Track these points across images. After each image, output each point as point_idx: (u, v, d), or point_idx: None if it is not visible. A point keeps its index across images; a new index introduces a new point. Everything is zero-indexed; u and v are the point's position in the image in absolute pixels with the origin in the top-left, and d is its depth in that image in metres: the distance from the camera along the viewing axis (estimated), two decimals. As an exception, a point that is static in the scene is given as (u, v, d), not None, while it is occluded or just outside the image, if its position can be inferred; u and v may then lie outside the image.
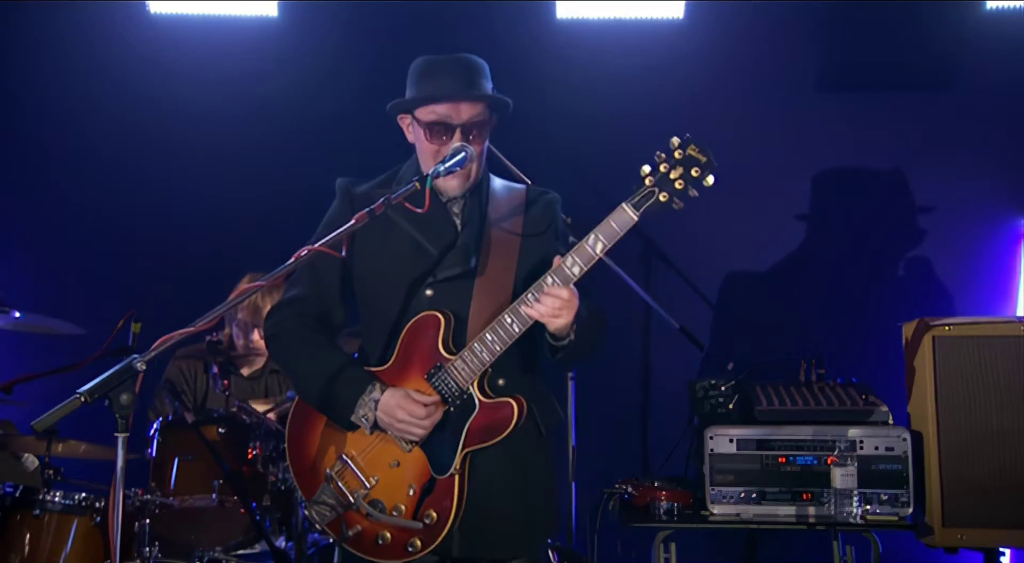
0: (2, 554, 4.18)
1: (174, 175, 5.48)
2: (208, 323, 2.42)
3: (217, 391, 4.69)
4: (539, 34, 5.26)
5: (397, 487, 2.90)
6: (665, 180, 2.70)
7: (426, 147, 2.97)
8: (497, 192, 3.10)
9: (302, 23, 5.24)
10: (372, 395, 2.87)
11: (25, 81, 5.56)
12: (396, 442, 2.90)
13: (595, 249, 2.74)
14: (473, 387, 2.84)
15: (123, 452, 2.40)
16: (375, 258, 3.01)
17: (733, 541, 4.88)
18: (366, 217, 2.68)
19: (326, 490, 2.95)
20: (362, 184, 3.10)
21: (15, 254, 5.62)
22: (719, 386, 4.47)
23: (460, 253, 2.96)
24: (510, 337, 2.79)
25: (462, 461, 2.86)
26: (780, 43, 5.41)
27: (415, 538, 2.88)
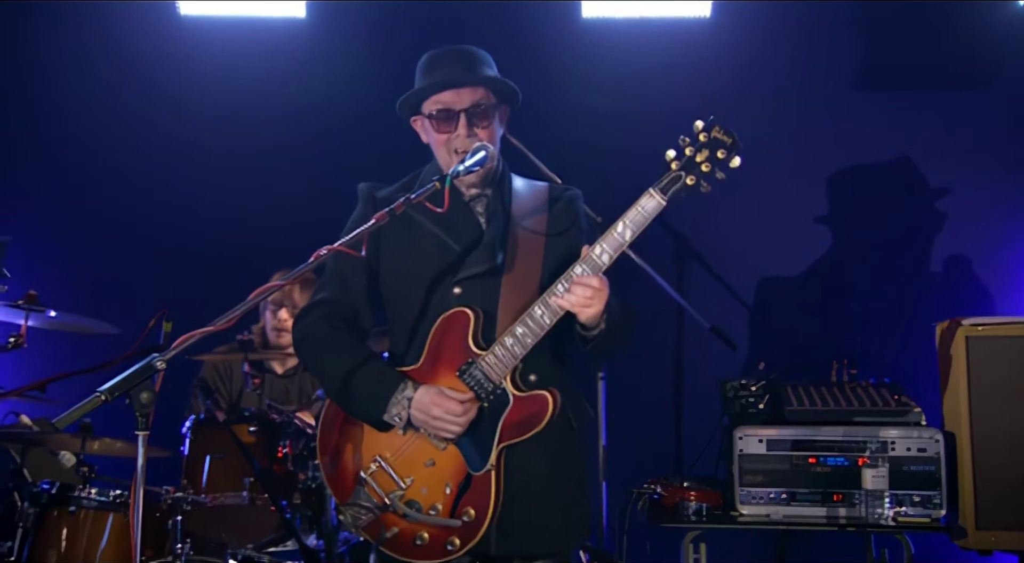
0: (40, 550, 4.24)
1: (205, 176, 5.54)
2: (228, 322, 2.43)
3: (248, 390, 4.73)
4: (564, 33, 5.26)
5: (433, 486, 2.89)
6: (691, 163, 2.69)
7: (436, 139, 2.99)
8: (520, 191, 3.10)
9: (329, 24, 5.27)
10: (405, 393, 2.86)
11: (58, 83, 5.62)
12: (430, 441, 2.88)
13: (624, 236, 2.72)
14: (506, 381, 2.83)
15: (143, 450, 2.42)
16: (401, 258, 3.01)
17: (764, 542, 4.86)
18: (386, 216, 2.68)
19: (360, 493, 2.93)
20: (384, 188, 3.10)
21: (50, 254, 5.71)
22: (749, 386, 4.44)
23: (486, 250, 2.95)
24: (541, 329, 2.79)
25: (498, 457, 2.84)
26: (809, 42, 5.38)
27: (454, 536, 2.86)
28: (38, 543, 4.26)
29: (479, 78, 2.96)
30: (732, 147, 2.69)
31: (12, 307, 4.52)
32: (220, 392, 5.05)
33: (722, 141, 2.69)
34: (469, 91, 2.95)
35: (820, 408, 4.31)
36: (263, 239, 5.32)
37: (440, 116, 2.95)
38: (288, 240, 4.96)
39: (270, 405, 4.48)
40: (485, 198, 3.04)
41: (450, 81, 2.93)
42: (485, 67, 3.02)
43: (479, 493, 2.84)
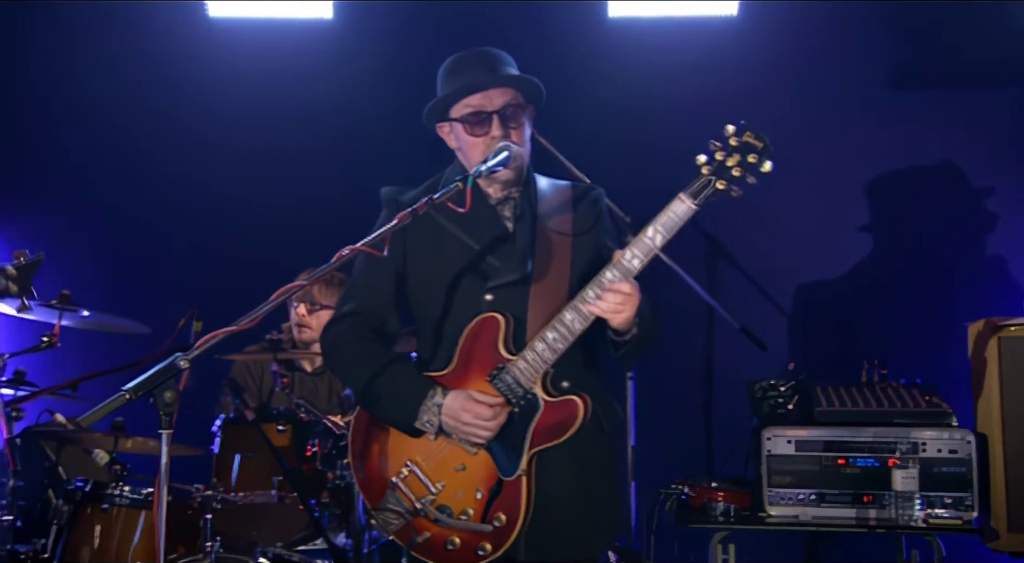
0: (74, 547, 4.29)
1: (234, 178, 5.58)
2: (251, 322, 2.44)
3: (278, 389, 4.76)
4: (590, 33, 5.25)
5: (465, 491, 2.89)
6: (722, 168, 2.67)
7: (469, 142, 2.97)
8: (544, 190, 3.09)
9: (355, 24, 5.29)
10: (435, 400, 2.86)
11: (88, 85, 5.68)
12: (461, 446, 2.88)
13: (654, 241, 2.71)
14: (537, 386, 2.83)
15: (167, 448, 2.44)
16: (426, 262, 3.02)
17: (794, 544, 4.84)
18: (408, 216, 2.68)
19: (391, 498, 2.94)
20: (408, 192, 3.10)
21: (83, 254, 5.75)
22: (778, 386, 4.43)
23: (517, 258, 2.95)
24: (572, 335, 2.78)
25: (528, 462, 2.84)
26: (838, 40, 5.34)
27: (485, 541, 2.85)
28: (72, 540, 4.31)
29: (508, 79, 2.96)
30: (763, 151, 2.66)
31: (45, 306, 4.58)
32: (250, 391, 5.09)
33: (753, 145, 2.66)
34: (499, 92, 2.94)
35: (850, 409, 4.29)
36: (291, 240, 5.35)
37: (472, 119, 2.94)
38: (315, 241, 4.97)
39: (299, 404, 4.50)
40: (513, 200, 3.03)
41: (480, 83, 2.93)
42: (509, 67, 3.02)
43: (510, 498, 2.84)
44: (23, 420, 4.64)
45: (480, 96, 2.93)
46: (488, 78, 2.93)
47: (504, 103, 2.93)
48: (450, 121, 3.00)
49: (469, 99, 2.94)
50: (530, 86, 3.00)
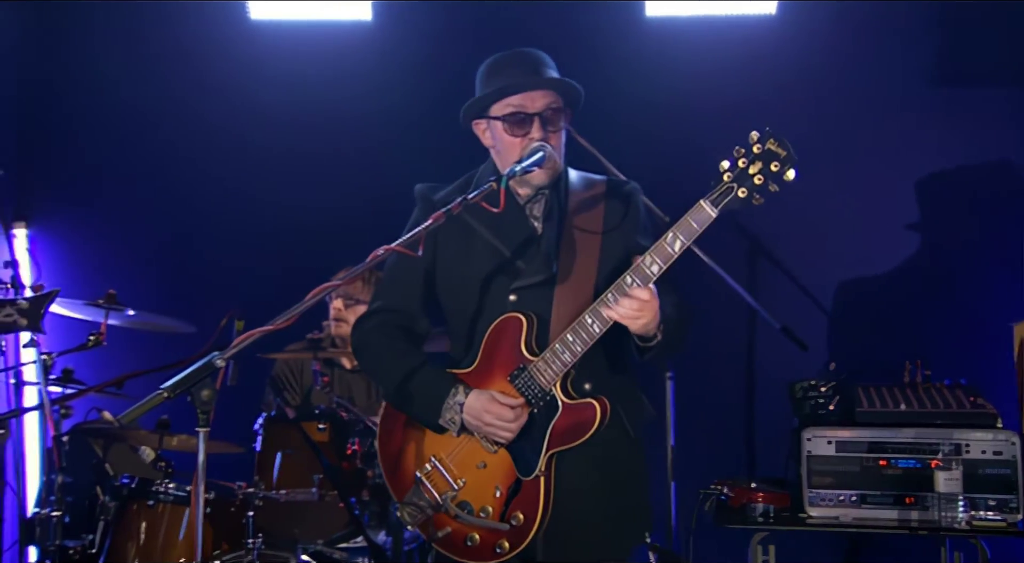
0: (120, 542, 4.37)
1: (275, 179, 5.63)
2: (286, 321, 2.46)
3: (317, 387, 4.80)
4: (628, 32, 5.21)
5: (484, 489, 2.91)
6: (744, 175, 2.64)
7: (507, 142, 2.97)
8: (575, 185, 3.09)
9: (394, 26, 5.30)
10: (456, 399, 2.89)
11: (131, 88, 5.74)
12: (482, 443, 2.91)
13: (673, 247, 2.70)
14: (556, 388, 2.83)
15: (204, 446, 2.47)
16: (455, 262, 3.04)
17: (836, 545, 4.80)
18: (443, 216, 2.70)
19: (416, 492, 2.98)
20: (441, 189, 3.12)
21: (129, 255, 5.84)
22: (819, 387, 4.38)
23: (541, 259, 2.95)
24: (591, 337, 2.78)
25: (547, 462, 2.84)
26: (877, 38, 5.27)
27: (503, 540, 2.87)
28: (118, 535, 4.39)
29: (551, 82, 2.96)
30: (786, 160, 2.62)
31: (92, 305, 4.67)
32: (291, 390, 5.14)
33: (776, 153, 2.63)
34: (541, 94, 2.94)
35: (892, 410, 4.24)
36: (330, 239, 5.37)
37: (513, 119, 2.94)
38: (353, 240, 5.02)
39: (339, 402, 4.54)
40: (543, 199, 3.03)
41: (525, 83, 2.93)
42: (551, 69, 3.01)
43: (528, 498, 2.85)
44: (71, 417, 4.72)
45: (522, 97, 2.94)
46: (532, 79, 2.94)
47: (545, 105, 2.94)
48: (488, 119, 3.00)
49: (511, 99, 2.94)
50: (571, 89, 3.00)
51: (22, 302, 3.22)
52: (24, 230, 6.07)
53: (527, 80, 2.93)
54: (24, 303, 3.23)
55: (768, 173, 2.63)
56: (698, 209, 2.68)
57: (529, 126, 2.93)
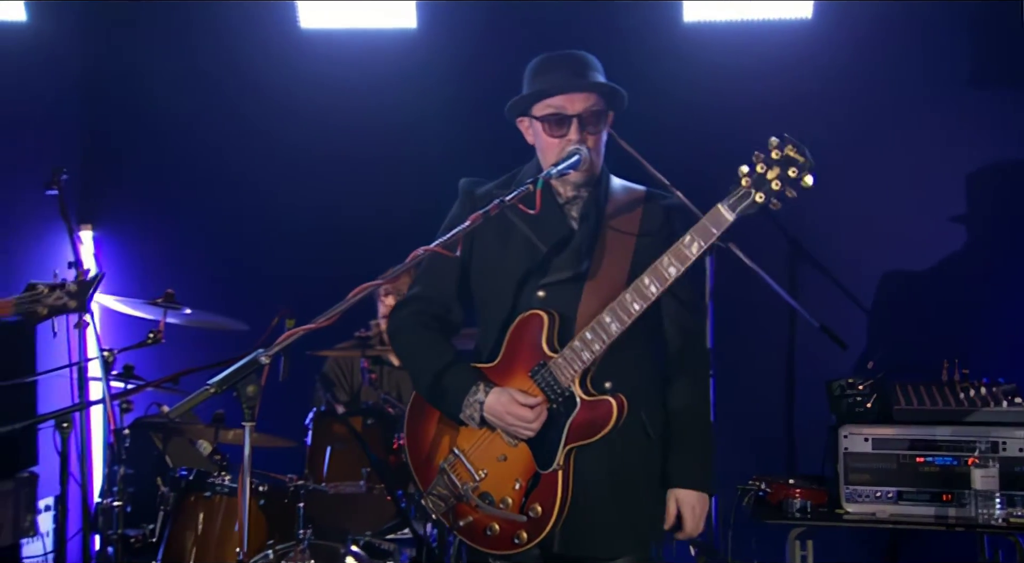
0: (179, 531, 4.44)
1: (325, 182, 5.69)
2: (328, 320, 2.49)
3: (365, 384, 4.86)
4: (666, 36, 5.21)
5: (504, 481, 2.91)
6: (762, 180, 2.63)
7: (546, 141, 2.98)
8: (616, 192, 3.08)
9: (438, 32, 5.33)
10: (476, 397, 2.89)
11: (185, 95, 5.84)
12: (503, 437, 2.91)
13: (691, 249, 2.71)
14: (575, 385, 2.83)
15: (249, 439, 2.52)
16: (492, 258, 3.04)
17: (875, 542, 4.77)
18: (480, 218, 2.71)
19: (440, 481, 2.99)
20: (484, 185, 3.13)
21: (186, 256, 5.96)
22: (856, 385, 4.36)
23: (572, 256, 2.95)
24: (609, 336, 2.78)
25: (565, 457, 2.84)
26: (913, 40, 5.22)
27: (521, 531, 2.87)
28: (177, 525, 4.46)
29: (592, 84, 2.96)
30: (804, 166, 2.60)
31: (151, 304, 4.78)
32: (341, 386, 5.19)
33: (794, 159, 2.61)
34: (582, 97, 2.94)
35: (929, 407, 4.21)
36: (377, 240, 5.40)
37: (552, 120, 2.95)
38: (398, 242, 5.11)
39: (385, 398, 4.59)
40: (581, 200, 3.03)
41: (565, 85, 2.93)
42: (596, 73, 3.01)
43: (546, 491, 2.85)
44: (132, 412, 4.84)
45: (562, 98, 2.93)
46: (572, 82, 2.94)
47: (585, 108, 2.93)
48: (530, 118, 3.01)
49: (552, 100, 2.95)
50: (613, 92, 3.00)
51: (71, 285, 3.35)
52: (90, 233, 6.23)
53: (567, 82, 2.94)
54: (73, 286, 3.35)
55: (786, 178, 2.61)
56: (715, 213, 2.69)
57: (567, 127, 2.93)
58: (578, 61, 3.00)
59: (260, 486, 4.47)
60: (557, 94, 2.94)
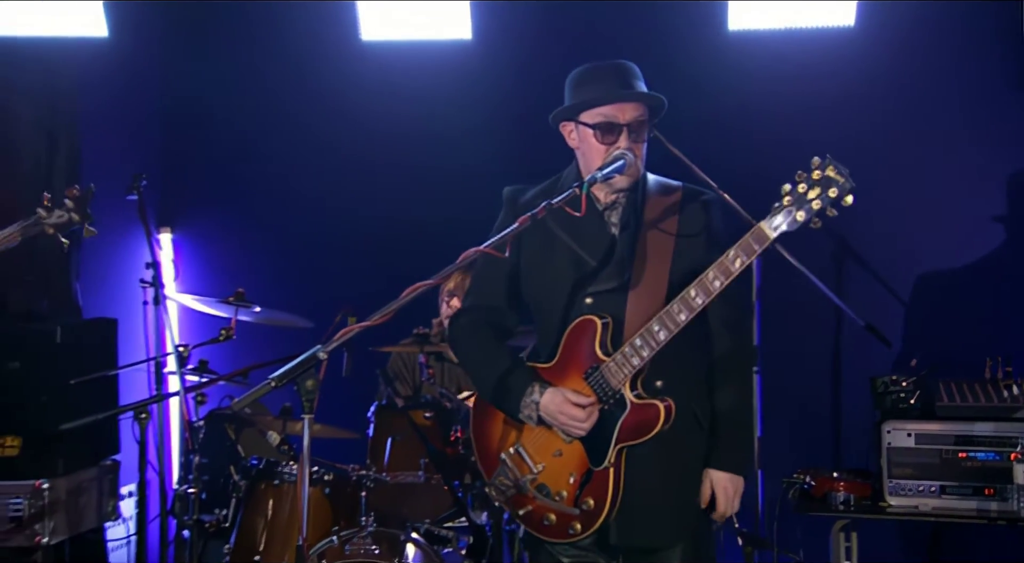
0: (250, 517, 4.50)
1: (385, 188, 5.72)
2: (382, 317, 2.54)
3: (424, 379, 4.90)
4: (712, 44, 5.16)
5: (560, 475, 2.96)
6: (803, 199, 2.65)
7: (594, 147, 2.99)
8: (653, 190, 3.09)
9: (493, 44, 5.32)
10: (532, 397, 2.94)
11: (255, 103, 5.91)
12: (559, 434, 2.96)
13: (734, 265, 2.74)
14: (625, 388, 2.87)
15: (308, 430, 2.56)
16: (536, 265, 3.09)
17: (918, 535, 4.71)
18: (528, 220, 2.74)
19: (501, 473, 3.05)
20: (526, 192, 3.16)
21: (256, 258, 6.04)
22: (900, 382, 4.32)
23: (615, 268, 2.98)
24: (657, 343, 2.81)
25: (616, 455, 2.88)
26: (957, 44, 5.12)
27: (575, 522, 2.93)
28: (248, 511, 4.51)
29: (641, 95, 2.99)
30: (843, 186, 2.63)
31: (223, 303, 4.87)
32: (402, 380, 5.23)
33: (834, 180, 2.63)
34: (631, 106, 2.96)
35: (971, 404, 4.15)
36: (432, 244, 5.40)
37: (603, 127, 2.96)
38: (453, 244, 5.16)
39: (443, 393, 4.62)
40: (620, 206, 3.05)
41: (617, 95, 2.96)
42: (640, 82, 3.03)
43: (598, 486, 2.90)
44: (207, 404, 4.91)
45: (614, 107, 2.96)
46: (624, 92, 2.96)
47: (634, 117, 2.96)
48: (577, 123, 3.03)
49: (602, 108, 2.97)
50: (657, 102, 3.02)
51: (68, 203, 3.47)
52: (169, 235, 6.36)
53: (621, 92, 2.96)
54: (70, 203, 3.47)
55: (826, 199, 2.64)
56: (758, 230, 2.72)
57: (617, 135, 2.95)
58: (625, 71, 3.02)
59: (326, 475, 4.50)
60: (609, 103, 2.96)
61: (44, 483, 4.59)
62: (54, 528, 4.61)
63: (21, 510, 4.58)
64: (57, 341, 4.81)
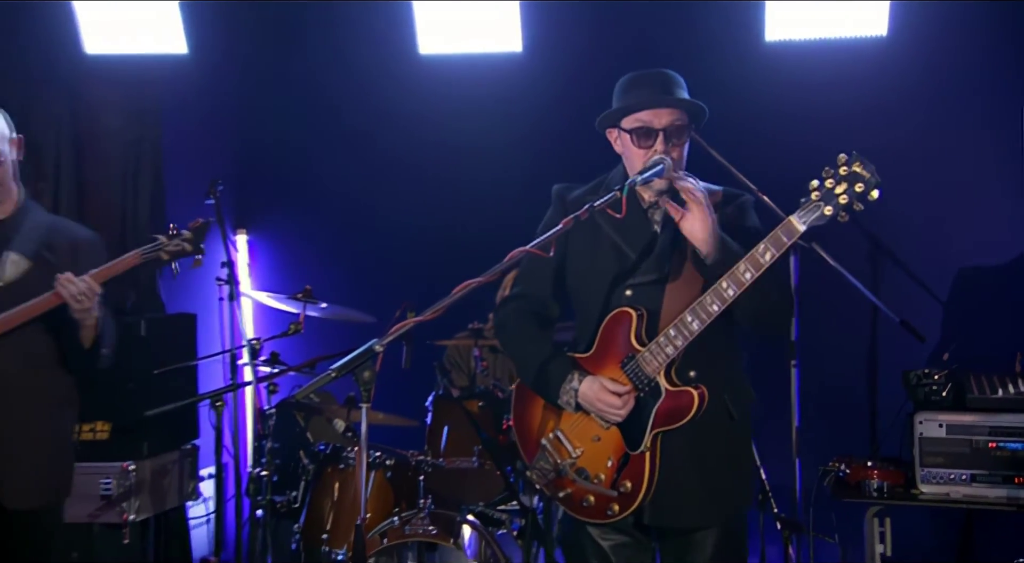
0: (318, 498, 4.58)
1: (442, 194, 5.77)
2: (434, 313, 2.57)
3: (477, 371, 4.94)
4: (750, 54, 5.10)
5: (598, 459, 2.96)
6: (830, 195, 2.64)
7: (634, 153, 2.99)
8: None
9: (543, 56, 5.30)
10: (571, 384, 2.94)
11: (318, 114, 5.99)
12: (596, 420, 2.96)
13: (764, 257, 2.72)
14: (660, 376, 2.86)
15: (366, 418, 2.60)
16: (582, 259, 3.08)
17: (949, 521, 4.64)
18: (571, 222, 2.75)
19: (542, 457, 3.05)
20: (575, 190, 3.16)
21: (323, 257, 6.11)
22: (932, 375, 4.26)
23: (655, 260, 2.97)
24: (690, 333, 2.80)
25: (652, 440, 2.88)
26: (989, 48, 5.00)
27: (613, 504, 2.93)
28: (316, 493, 4.60)
29: (677, 101, 2.97)
30: (870, 181, 2.61)
31: (292, 299, 4.93)
32: (457, 372, 5.28)
33: (860, 175, 2.61)
34: (667, 112, 2.95)
35: (1001, 396, 4.09)
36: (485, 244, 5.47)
37: (640, 133, 2.96)
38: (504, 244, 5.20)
39: (495, 384, 4.66)
40: (663, 205, 3.03)
41: (652, 102, 2.95)
42: (680, 89, 3.02)
43: (635, 470, 2.89)
44: (278, 393, 5.01)
45: (650, 113, 2.95)
46: (659, 98, 2.96)
47: (670, 122, 2.94)
48: (619, 129, 3.04)
49: (640, 114, 2.97)
50: (695, 107, 3.01)
51: (186, 233, 3.51)
52: (244, 236, 6.48)
53: (654, 99, 2.96)
54: (188, 234, 3.51)
55: (853, 193, 2.62)
56: (787, 224, 2.70)
57: (653, 140, 2.94)
58: (665, 79, 3.01)
59: (387, 460, 4.57)
60: (645, 109, 2.96)
61: (131, 465, 4.70)
62: (140, 506, 4.71)
63: (110, 489, 4.69)
64: (142, 334, 4.93)
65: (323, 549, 4.43)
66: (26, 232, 3.50)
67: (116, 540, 4.64)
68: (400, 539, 4.19)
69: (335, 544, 4.42)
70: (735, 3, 5.04)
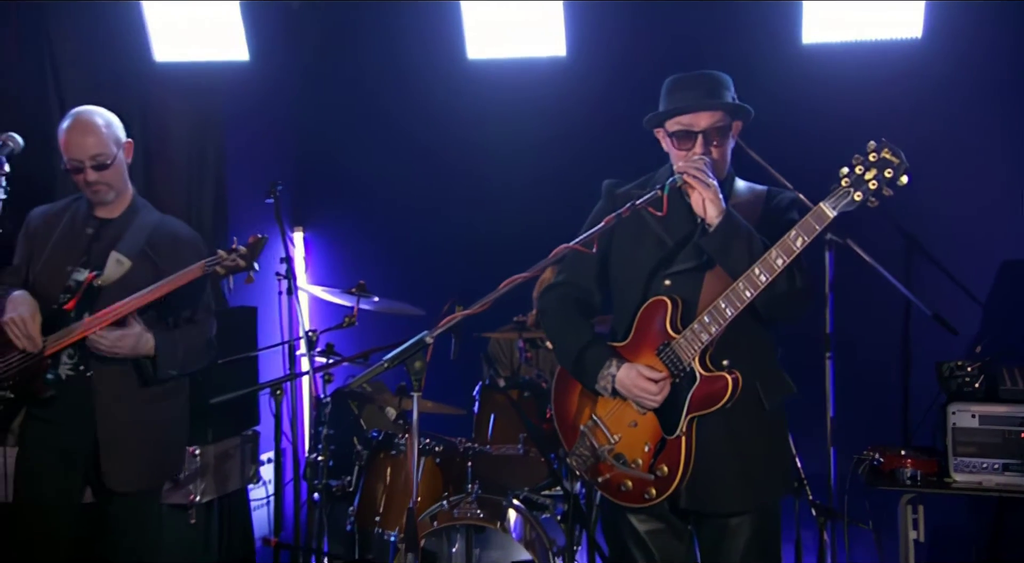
0: (371, 483, 4.63)
1: (488, 195, 5.78)
2: (481, 307, 2.59)
3: (522, 362, 4.95)
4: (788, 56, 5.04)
5: (635, 444, 2.96)
6: (860, 181, 2.63)
7: (675, 153, 3.00)
8: (740, 192, 3.07)
9: (586, 60, 5.28)
10: (609, 370, 2.94)
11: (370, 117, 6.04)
12: (633, 406, 2.95)
13: (796, 243, 2.71)
14: (695, 362, 2.85)
15: (417, 406, 2.63)
16: (627, 250, 3.08)
17: (980, 508, 4.58)
18: (614, 219, 2.77)
19: (581, 443, 3.05)
20: (623, 186, 3.16)
21: (376, 254, 6.16)
22: (965, 367, 4.21)
23: (695, 249, 2.95)
24: (724, 320, 2.79)
25: (688, 424, 2.87)
26: (1016, 48, 4.94)
27: (650, 488, 2.92)
28: (369, 478, 4.65)
29: (715, 104, 2.95)
30: (898, 167, 2.60)
31: (347, 293, 4.98)
32: (502, 363, 5.29)
33: (890, 161, 2.60)
34: (707, 114, 2.94)
35: (1033, 388, 4.05)
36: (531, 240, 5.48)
37: (680, 135, 2.96)
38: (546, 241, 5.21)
39: (539, 375, 4.67)
40: None
41: (691, 106, 2.95)
42: (725, 90, 2.99)
43: (671, 454, 2.88)
44: (333, 383, 5.03)
45: (689, 116, 2.95)
46: (698, 101, 2.94)
47: (710, 124, 2.94)
48: (664, 131, 3.04)
49: (680, 117, 2.97)
50: (736, 108, 2.99)
51: (241, 249, 3.51)
52: (301, 234, 6.56)
53: (693, 102, 2.95)
54: (243, 249, 3.52)
55: (882, 179, 2.60)
56: (818, 211, 2.69)
57: (693, 142, 2.95)
58: (708, 81, 2.99)
59: (437, 447, 4.60)
60: (684, 113, 2.96)
61: (196, 449, 4.75)
62: (204, 488, 4.77)
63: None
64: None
65: (376, 531, 4.48)
66: (133, 232, 3.60)
67: (183, 520, 4.72)
68: (449, 522, 4.21)
69: (387, 526, 4.46)
70: (773, 3, 4.99)
